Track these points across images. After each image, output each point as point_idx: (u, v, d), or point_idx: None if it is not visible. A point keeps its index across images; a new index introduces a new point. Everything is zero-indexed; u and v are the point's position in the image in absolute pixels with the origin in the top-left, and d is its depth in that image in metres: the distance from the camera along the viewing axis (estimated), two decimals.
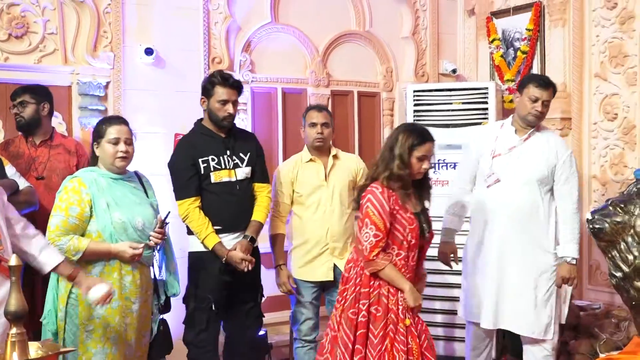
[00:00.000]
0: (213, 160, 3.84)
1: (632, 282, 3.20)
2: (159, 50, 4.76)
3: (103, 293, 3.00)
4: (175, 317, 3.91)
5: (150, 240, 3.33)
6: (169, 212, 3.48)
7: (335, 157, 4.18)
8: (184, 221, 3.84)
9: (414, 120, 5.07)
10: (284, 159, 5.26)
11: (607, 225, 3.20)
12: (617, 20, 4.73)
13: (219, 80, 3.84)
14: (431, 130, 4.11)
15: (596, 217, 3.27)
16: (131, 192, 3.38)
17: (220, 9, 4.99)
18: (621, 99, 4.72)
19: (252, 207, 3.91)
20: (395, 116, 5.85)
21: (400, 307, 3.28)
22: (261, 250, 4.06)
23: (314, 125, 4.10)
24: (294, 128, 5.36)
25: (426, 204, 3.46)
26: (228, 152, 3.87)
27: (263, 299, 4.04)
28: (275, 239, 4.13)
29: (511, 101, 5.00)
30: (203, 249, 3.82)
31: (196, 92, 4.78)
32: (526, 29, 5.38)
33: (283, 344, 4.87)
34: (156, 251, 3.47)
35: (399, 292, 3.29)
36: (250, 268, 3.78)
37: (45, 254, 2.97)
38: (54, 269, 3.00)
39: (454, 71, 5.86)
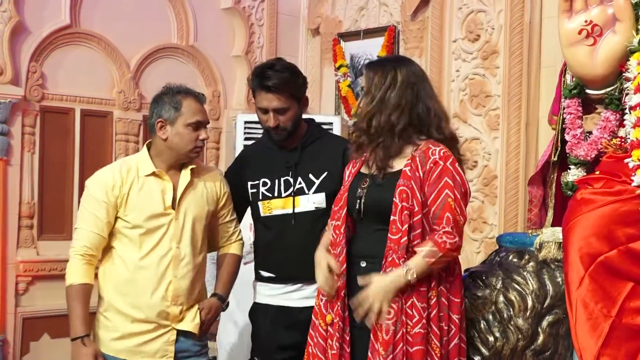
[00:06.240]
0: (265, 184, 3.43)
1: None
2: None
3: None
4: None
5: None
6: None
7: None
8: None
9: None
10: (81, 195, 4.90)
11: (466, 300, 3.21)
12: (480, 54, 4.83)
13: (255, 79, 3.36)
14: None
15: None
16: None
17: (4, 6, 4.65)
18: (482, 145, 4.81)
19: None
20: (222, 150, 5.77)
21: (323, 299, 3.04)
22: None
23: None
24: (96, 158, 5.11)
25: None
26: (290, 173, 3.41)
27: None
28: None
29: None
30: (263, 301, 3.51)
31: None
32: (378, 57, 5.39)
33: None
34: None
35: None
36: None
37: None
38: None
39: None
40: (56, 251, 4.85)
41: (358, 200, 3.04)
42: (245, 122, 5.20)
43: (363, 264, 3.02)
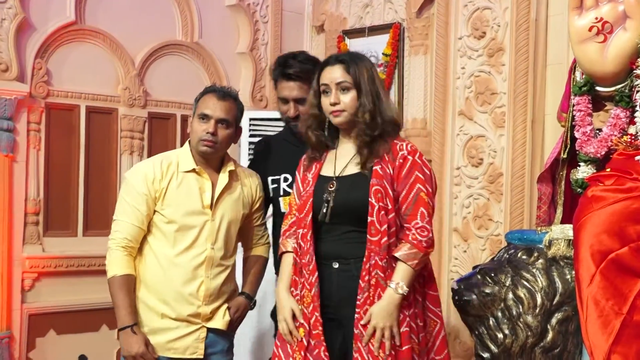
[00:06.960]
0: (286, 180, 3.42)
1: None
2: None
3: None
4: None
5: None
6: None
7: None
8: None
9: (249, 153, 4.91)
10: (86, 191, 5.04)
11: (474, 297, 3.19)
12: (485, 51, 4.80)
13: (277, 69, 3.38)
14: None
15: (462, 287, 3.25)
16: None
17: (10, 3, 4.61)
18: (487, 142, 4.78)
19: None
20: None
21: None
22: None
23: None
24: (101, 154, 5.11)
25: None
26: None
27: None
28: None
29: None
30: None
31: None
32: (383, 54, 5.37)
33: None
34: None
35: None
36: None
37: None
38: None
39: None
40: (62, 248, 4.85)
41: (325, 204, 2.96)
42: (250, 119, 5.17)
43: (335, 265, 2.98)
